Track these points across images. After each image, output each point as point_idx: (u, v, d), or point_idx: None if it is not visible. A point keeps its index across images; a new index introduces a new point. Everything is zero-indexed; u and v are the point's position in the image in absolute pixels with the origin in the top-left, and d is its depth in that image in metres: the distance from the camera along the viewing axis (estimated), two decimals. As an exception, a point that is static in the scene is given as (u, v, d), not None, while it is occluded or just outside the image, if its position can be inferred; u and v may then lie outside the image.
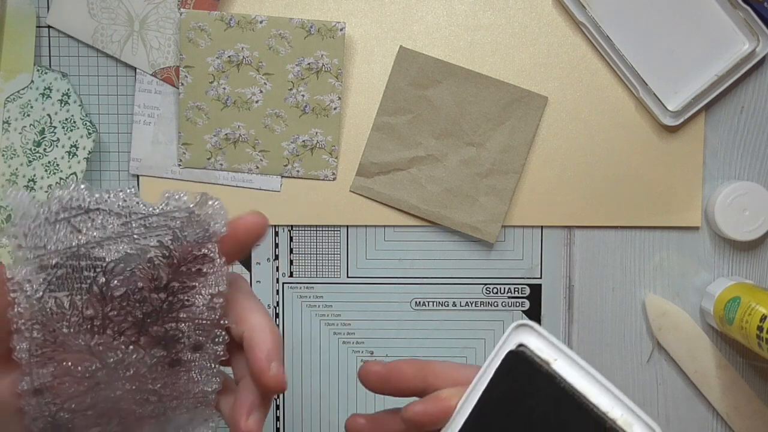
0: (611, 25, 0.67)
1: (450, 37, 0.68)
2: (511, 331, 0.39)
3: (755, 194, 0.67)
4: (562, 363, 0.37)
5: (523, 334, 0.39)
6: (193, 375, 0.43)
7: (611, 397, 0.36)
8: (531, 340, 0.38)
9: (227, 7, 0.68)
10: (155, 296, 0.41)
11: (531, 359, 0.38)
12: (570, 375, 0.37)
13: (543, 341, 0.38)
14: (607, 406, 0.35)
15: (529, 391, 0.37)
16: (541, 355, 0.38)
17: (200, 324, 0.42)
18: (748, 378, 0.70)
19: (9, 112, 0.66)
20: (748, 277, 0.70)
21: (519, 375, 0.38)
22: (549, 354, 0.38)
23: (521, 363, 0.38)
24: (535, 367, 0.37)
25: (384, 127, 0.68)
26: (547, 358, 0.37)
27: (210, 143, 0.68)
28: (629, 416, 0.35)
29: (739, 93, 0.69)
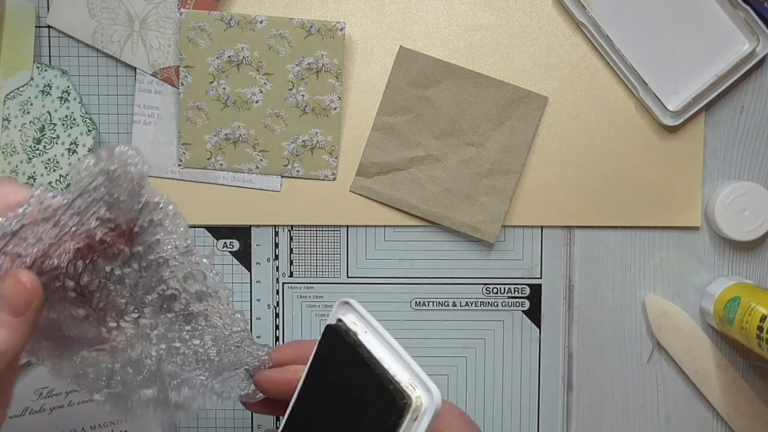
0: (611, 25, 0.67)
1: (450, 37, 0.68)
2: (335, 308, 0.44)
3: (755, 194, 0.67)
4: (369, 335, 0.42)
5: (343, 311, 0.44)
6: (214, 321, 0.45)
7: (404, 364, 0.40)
8: (348, 316, 0.44)
9: (227, 7, 0.68)
10: (129, 270, 0.41)
11: (343, 332, 0.43)
12: (372, 345, 0.42)
13: (357, 316, 0.43)
14: (397, 371, 0.40)
15: (340, 360, 0.43)
16: (352, 328, 0.43)
17: (187, 273, 0.43)
18: (748, 378, 0.69)
19: (9, 109, 0.66)
20: (748, 277, 0.70)
21: (333, 346, 0.43)
22: (359, 327, 0.43)
23: (335, 335, 0.43)
24: (345, 339, 0.42)
25: (384, 127, 0.68)
26: (356, 330, 0.43)
27: (210, 143, 0.68)
28: (414, 380, 0.40)
29: (739, 93, 0.69)
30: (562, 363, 0.70)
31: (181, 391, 0.46)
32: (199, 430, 0.70)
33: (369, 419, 0.40)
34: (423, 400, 0.39)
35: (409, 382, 0.40)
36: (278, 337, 0.70)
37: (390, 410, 0.39)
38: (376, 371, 0.41)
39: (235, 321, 0.46)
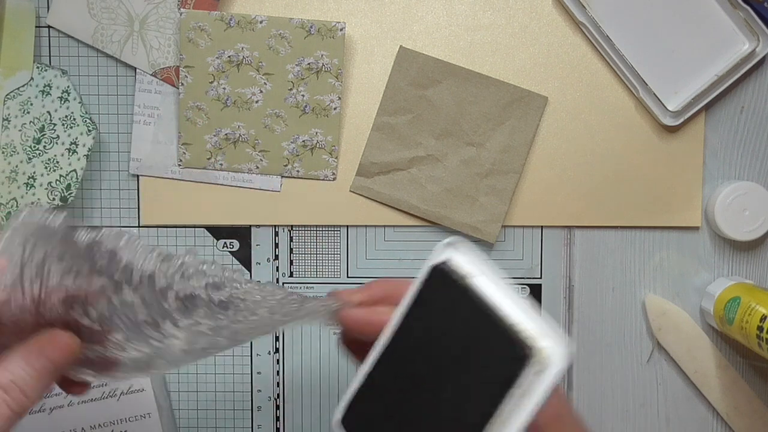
0: (611, 25, 0.67)
1: (450, 37, 0.68)
2: (441, 247, 0.40)
3: (755, 194, 0.67)
4: (482, 279, 0.38)
5: (450, 252, 0.40)
6: (252, 297, 0.44)
7: (526, 312, 0.36)
8: (456, 257, 0.39)
9: (227, 7, 0.68)
10: (126, 293, 0.41)
11: (451, 274, 0.39)
12: (487, 290, 0.37)
13: (467, 257, 0.39)
14: (519, 318, 0.36)
15: (449, 304, 0.38)
16: (461, 270, 0.39)
17: (182, 275, 0.43)
18: (748, 378, 0.69)
19: (9, 109, 0.66)
20: (748, 277, 0.70)
21: (439, 288, 0.39)
22: (469, 270, 0.38)
23: (442, 276, 0.39)
24: (454, 281, 0.38)
25: (384, 127, 0.68)
26: (466, 273, 0.38)
27: (210, 143, 0.68)
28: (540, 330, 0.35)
29: (739, 93, 0.69)
30: (562, 363, 0.70)
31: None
32: (199, 430, 0.70)
33: (481, 369, 0.36)
34: (549, 353, 0.34)
35: (533, 332, 0.35)
36: (278, 337, 0.70)
37: (509, 360, 0.35)
38: (494, 316, 0.36)
39: (274, 292, 0.45)
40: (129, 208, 0.69)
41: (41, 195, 0.66)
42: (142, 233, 0.69)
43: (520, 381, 0.34)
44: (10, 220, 0.40)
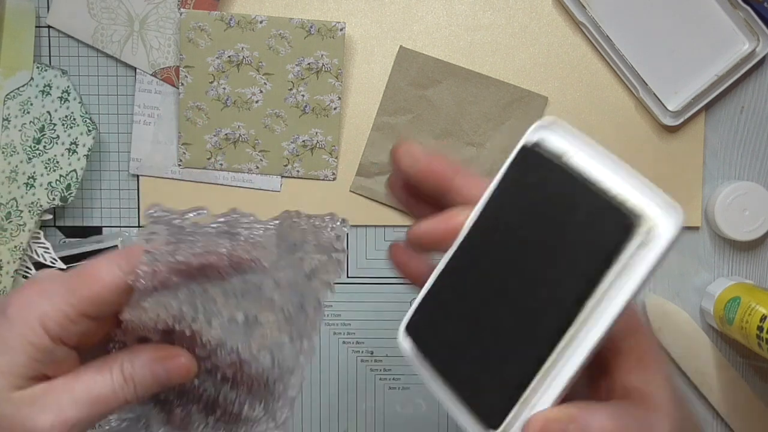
0: (611, 25, 0.67)
1: (450, 37, 0.68)
2: (533, 129, 0.36)
3: (755, 194, 0.67)
4: (579, 155, 0.34)
5: (543, 131, 0.35)
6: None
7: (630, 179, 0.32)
8: (550, 136, 0.35)
9: (227, 7, 0.68)
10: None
11: (542, 154, 0.34)
12: (588, 164, 0.33)
13: (563, 136, 0.35)
14: (624, 189, 0.32)
15: (540, 186, 0.34)
16: (555, 150, 0.34)
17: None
18: (748, 378, 0.69)
19: (9, 109, 0.66)
20: (748, 277, 0.70)
21: (529, 171, 0.35)
22: (565, 147, 0.34)
23: (533, 158, 0.35)
24: (549, 160, 0.34)
25: (384, 127, 0.68)
26: (561, 152, 0.34)
27: (210, 143, 0.68)
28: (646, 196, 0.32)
29: (739, 93, 0.69)
30: (562, 363, 0.70)
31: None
32: (199, 430, 0.70)
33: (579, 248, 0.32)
34: (658, 222, 0.31)
35: (640, 201, 0.31)
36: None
37: (611, 231, 0.31)
38: (593, 189, 0.32)
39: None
40: (129, 208, 0.69)
41: (41, 195, 0.66)
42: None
43: (621, 255, 0.31)
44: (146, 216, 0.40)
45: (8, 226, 0.65)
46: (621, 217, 0.31)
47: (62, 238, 0.70)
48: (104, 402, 0.39)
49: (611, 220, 0.31)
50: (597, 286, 0.32)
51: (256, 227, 0.39)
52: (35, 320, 0.38)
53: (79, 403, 0.39)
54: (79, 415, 0.39)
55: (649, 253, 0.31)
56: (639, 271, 0.31)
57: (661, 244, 0.31)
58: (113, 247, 0.67)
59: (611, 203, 0.32)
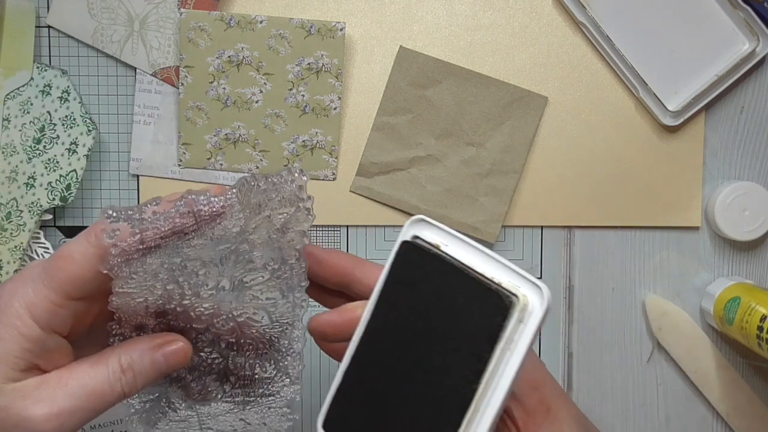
0: (611, 25, 0.67)
1: (450, 37, 0.68)
2: (408, 226, 0.40)
3: (755, 194, 0.67)
4: (451, 246, 0.38)
5: (417, 228, 0.39)
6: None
7: (498, 266, 0.36)
8: (424, 232, 0.39)
9: (227, 7, 0.68)
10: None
11: (422, 246, 0.38)
12: (458, 254, 0.37)
13: (435, 230, 0.39)
14: (493, 273, 0.36)
15: (422, 275, 0.38)
16: (431, 241, 0.39)
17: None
18: (748, 378, 0.69)
19: (9, 109, 0.66)
20: (748, 277, 0.70)
21: (412, 262, 0.38)
22: (439, 240, 0.39)
23: (413, 251, 0.39)
24: (427, 252, 0.38)
25: (384, 127, 0.68)
26: (437, 243, 0.38)
27: (210, 143, 0.68)
28: (515, 279, 0.35)
29: (739, 93, 0.69)
30: (562, 363, 0.70)
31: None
32: (199, 430, 0.70)
33: (466, 330, 0.36)
34: (530, 299, 0.35)
35: (512, 283, 0.35)
36: (278, 337, 0.70)
37: (491, 312, 0.35)
38: (471, 275, 0.36)
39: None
40: (129, 208, 0.69)
41: (41, 195, 0.66)
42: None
43: (504, 333, 0.35)
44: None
45: (8, 226, 0.65)
46: (499, 299, 0.35)
47: (62, 238, 0.70)
48: (99, 394, 0.39)
49: (490, 302, 0.35)
50: (487, 365, 0.35)
51: (216, 200, 0.40)
52: (23, 309, 0.38)
53: (73, 396, 0.39)
54: (72, 408, 0.39)
55: (527, 327, 0.35)
56: (522, 345, 0.35)
57: (537, 318, 0.35)
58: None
59: (488, 287, 0.35)
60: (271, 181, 0.42)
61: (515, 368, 0.35)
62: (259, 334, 0.44)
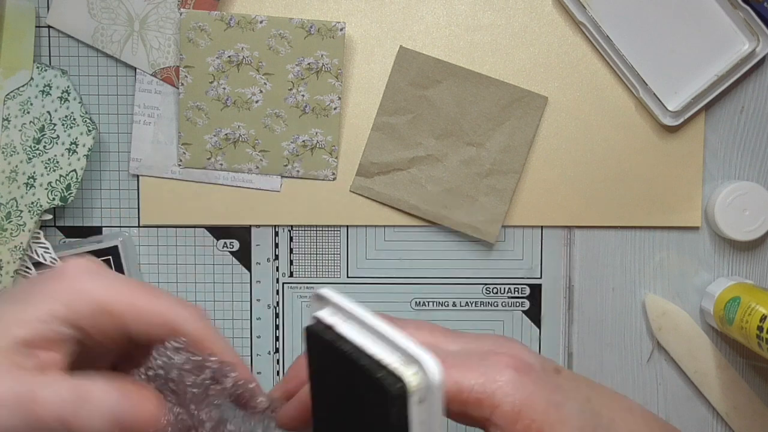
0: (611, 25, 0.67)
1: (450, 37, 0.68)
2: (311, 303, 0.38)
3: (755, 194, 0.67)
4: (349, 324, 0.35)
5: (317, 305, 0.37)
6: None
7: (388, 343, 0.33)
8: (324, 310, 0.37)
9: (227, 7, 0.68)
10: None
11: (321, 331, 0.36)
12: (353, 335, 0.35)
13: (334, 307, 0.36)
14: (384, 353, 0.33)
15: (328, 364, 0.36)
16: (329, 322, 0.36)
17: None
18: (748, 378, 0.69)
19: (9, 109, 0.66)
20: (748, 277, 0.70)
21: (318, 351, 0.37)
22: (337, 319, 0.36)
23: (315, 338, 0.36)
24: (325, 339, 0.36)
25: (384, 127, 0.68)
26: (333, 323, 0.36)
27: (210, 143, 0.68)
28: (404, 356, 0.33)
29: (739, 93, 0.69)
30: (562, 363, 0.70)
31: None
32: (199, 430, 0.70)
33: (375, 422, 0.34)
34: (421, 376, 0.32)
35: (400, 362, 0.33)
36: (278, 337, 0.70)
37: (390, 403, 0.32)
38: (362, 363, 0.34)
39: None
40: (129, 208, 0.69)
41: (41, 195, 0.66)
42: (142, 233, 0.69)
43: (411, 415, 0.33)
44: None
45: (8, 226, 0.65)
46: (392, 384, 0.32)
47: (62, 238, 0.70)
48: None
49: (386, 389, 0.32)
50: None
51: None
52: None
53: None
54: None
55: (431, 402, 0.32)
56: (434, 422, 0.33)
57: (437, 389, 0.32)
58: (113, 247, 0.67)
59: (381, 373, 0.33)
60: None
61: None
62: None
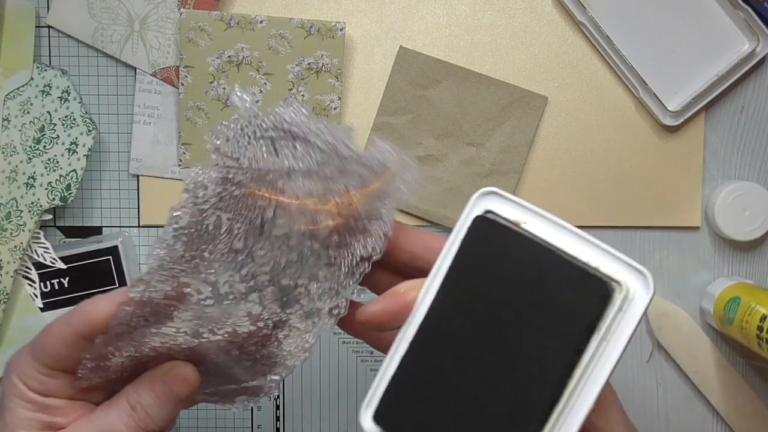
0: (611, 25, 0.67)
1: (450, 37, 0.68)
2: (476, 199, 0.36)
3: (755, 194, 0.67)
4: (534, 223, 0.34)
5: (489, 201, 0.35)
6: (284, 346, 0.41)
7: (592, 247, 0.32)
8: (498, 206, 0.35)
9: (227, 7, 0.68)
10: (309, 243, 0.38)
11: (500, 223, 0.34)
12: (543, 232, 0.33)
13: (511, 204, 0.35)
14: (587, 256, 0.32)
15: (502, 254, 0.33)
16: (510, 217, 0.34)
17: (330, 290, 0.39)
18: (748, 378, 0.69)
19: (9, 109, 0.66)
20: (748, 277, 0.70)
21: (489, 240, 0.34)
22: (518, 216, 0.34)
23: (490, 227, 0.34)
24: (506, 230, 0.34)
25: (384, 127, 0.68)
26: (516, 220, 0.34)
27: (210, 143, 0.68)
28: (614, 263, 0.32)
29: (739, 93, 0.69)
30: (562, 363, 0.70)
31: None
32: (199, 430, 0.70)
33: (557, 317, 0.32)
34: (631, 286, 0.31)
35: (610, 267, 0.32)
36: (278, 337, 0.70)
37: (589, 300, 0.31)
38: (562, 257, 0.32)
39: (296, 357, 0.41)
40: (129, 208, 0.69)
41: (41, 195, 0.66)
42: (142, 233, 0.70)
43: (602, 323, 0.31)
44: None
45: (8, 226, 0.65)
46: (598, 285, 0.31)
47: (62, 238, 0.70)
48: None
49: (588, 288, 0.31)
50: (582, 356, 0.31)
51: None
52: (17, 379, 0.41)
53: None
54: None
55: (628, 318, 0.31)
56: (621, 338, 0.31)
57: (639, 309, 0.31)
58: (113, 247, 0.67)
59: (585, 271, 0.31)
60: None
61: (613, 362, 0.31)
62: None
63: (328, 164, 0.37)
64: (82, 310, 0.40)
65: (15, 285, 0.66)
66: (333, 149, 0.37)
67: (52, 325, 0.41)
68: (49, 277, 0.67)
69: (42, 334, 0.41)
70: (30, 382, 0.40)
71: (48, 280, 0.67)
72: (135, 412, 0.40)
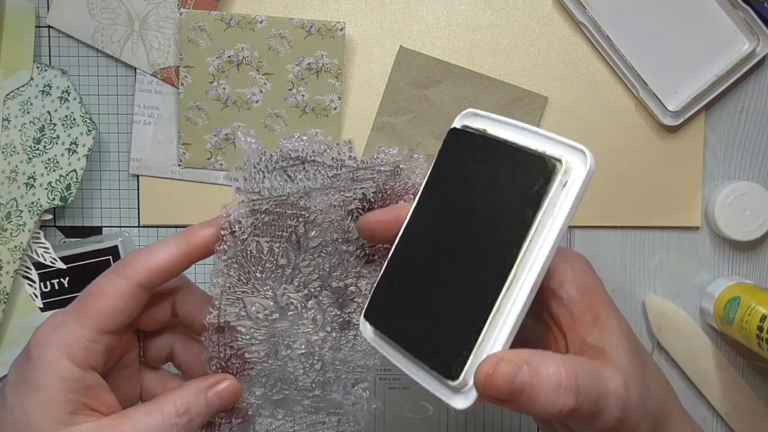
0: (611, 25, 0.67)
1: (450, 37, 0.68)
2: (457, 119, 0.41)
3: (755, 194, 0.67)
4: (497, 128, 0.39)
5: (466, 119, 0.41)
6: (357, 342, 0.45)
7: (547, 138, 0.37)
8: (474, 120, 0.40)
9: (227, 7, 0.68)
10: (345, 248, 0.44)
11: (468, 132, 0.40)
12: (504, 133, 0.38)
13: (482, 119, 0.40)
14: (540, 144, 0.36)
15: (468, 157, 0.39)
16: (478, 126, 0.40)
17: None
18: (748, 378, 0.69)
19: (9, 109, 0.66)
20: (748, 277, 0.70)
21: (459, 148, 0.39)
22: (486, 125, 0.40)
23: (462, 136, 0.40)
24: (475, 135, 0.39)
25: (384, 127, 0.68)
26: (483, 127, 0.39)
27: (210, 143, 0.68)
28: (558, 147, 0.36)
29: (739, 93, 0.69)
30: (562, 363, 0.70)
31: None
32: (199, 430, 0.70)
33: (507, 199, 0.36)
34: (572, 163, 0.35)
35: (555, 151, 0.36)
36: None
37: (533, 177, 0.35)
38: (516, 146, 0.37)
39: (371, 355, 0.47)
40: (129, 208, 0.69)
41: (41, 195, 0.66)
42: (142, 233, 0.69)
43: (546, 196, 0.35)
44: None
45: (8, 226, 0.65)
46: (541, 164, 0.35)
47: (62, 238, 0.70)
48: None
49: (533, 168, 0.35)
50: (530, 229, 0.35)
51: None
52: (57, 353, 0.40)
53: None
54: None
55: (570, 191, 0.35)
56: (564, 209, 0.35)
57: (580, 180, 0.35)
58: (113, 247, 0.67)
59: (530, 155, 0.36)
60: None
61: (557, 231, 0.35)
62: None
63: (340, 176, 0.43)
64: (133, 262, 0.41)
65: (15, 285, 0.66)
66: (340, 163, 0.43)
67: (99, 283, 0.41)
68: (49, 277, 0.67)
69: (90, 296, 0.41)
70: (75, 351, 0.40)
71: (48, 280, 0.67)
72: (180, 419, 0.41)
